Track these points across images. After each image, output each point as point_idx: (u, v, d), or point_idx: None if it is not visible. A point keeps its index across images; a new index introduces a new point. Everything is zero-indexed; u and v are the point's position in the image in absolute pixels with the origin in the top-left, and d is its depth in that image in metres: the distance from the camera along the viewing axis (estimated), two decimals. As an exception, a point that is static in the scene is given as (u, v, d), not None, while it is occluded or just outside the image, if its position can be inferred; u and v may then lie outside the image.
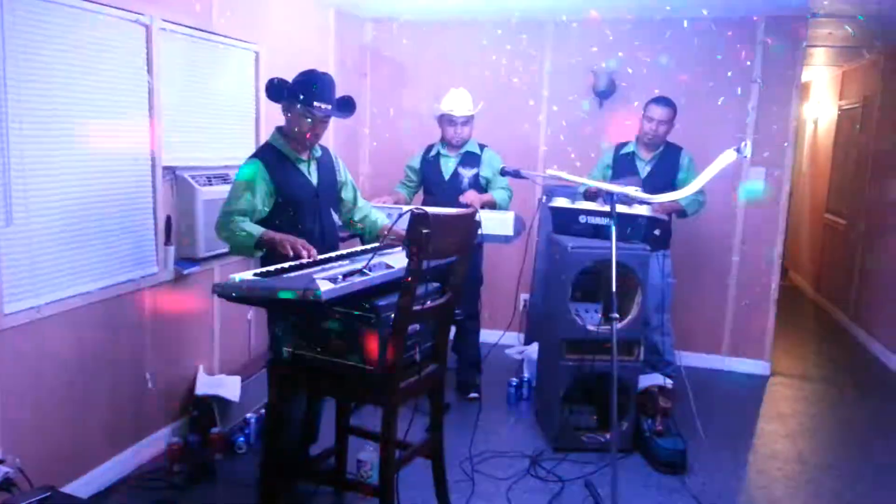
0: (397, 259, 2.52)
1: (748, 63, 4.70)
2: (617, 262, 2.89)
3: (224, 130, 3.73)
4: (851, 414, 4.40)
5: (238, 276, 2.35)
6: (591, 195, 3.93)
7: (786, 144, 4.74)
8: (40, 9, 2.60)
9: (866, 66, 6.34)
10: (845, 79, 7.02)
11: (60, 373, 2.83)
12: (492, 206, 3.97)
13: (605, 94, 4.92)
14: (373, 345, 2.31)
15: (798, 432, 4.04)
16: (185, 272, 3.42)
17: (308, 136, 2.86)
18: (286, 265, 2.52)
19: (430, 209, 2.28)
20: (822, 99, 7.91)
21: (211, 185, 3.46)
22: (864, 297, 5.91)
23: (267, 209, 2.84)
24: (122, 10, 2.96)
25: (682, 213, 4.05)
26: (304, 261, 2.60)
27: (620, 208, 3.41)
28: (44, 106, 2.65)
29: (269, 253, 2.76)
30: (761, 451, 3.77)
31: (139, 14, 3.04)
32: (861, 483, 3.43)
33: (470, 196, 3.95)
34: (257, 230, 2.74)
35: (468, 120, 4.07)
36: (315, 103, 2.78)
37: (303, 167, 2.94)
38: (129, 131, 3.08)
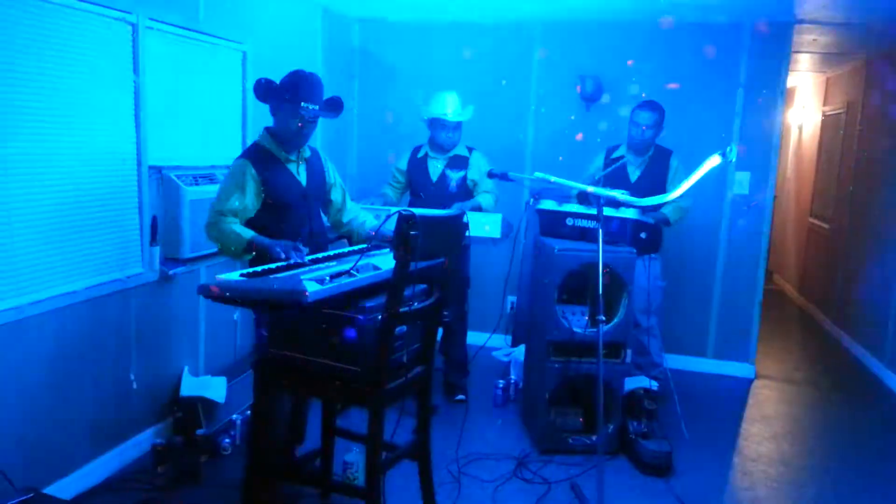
0: (385, 260, 2.52)
1: (734, 68, 4.74)
2: (603, 265, 2.90)
3: (211, 130, 3.71)
4: (835, 416, 4.44)
5: (224, 277, 2.34)
6: (583, 197, 3.94)
7: (771, 149, 4.79)
8: (24, 6, 2.58)
9: (850, 72, 6.41)
10: (830, 85, 7.10)
11: (43, 373, 2.80)
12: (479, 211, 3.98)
13: (592, 97, 4.94)
14: (360, 346, 2.31)
15: (782, 434, 4.07)
16: (171, 272, 3.40)
17: (296, 136, 2.85)
18: (273, 266, 2.51)
19: (418, 210, 2.29)
20: (807, 105, 7.99)
21: (197, 184, 3.43)
22: (848, 301, 5.97)
23: (255, 209, 2.83)
24: (109, 7, 2.94)
25: (666, 222, 4.06)
26: (292, 261, 2.59)
27: (607, 211, 3.43)
28: (28, 104, 2.62)
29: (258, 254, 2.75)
30: (745, 452, 3.80)
31: (126, 12, 3.02)
32: (844, 485, 3.46)
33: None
34: (247, 233, 2.73)
35: (459, 124, 4.07)
36: (303, 103, 2.77)
37: (291, 167, 2.93)
38: (115, 130, 3.06)
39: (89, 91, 2.90)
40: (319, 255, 2.79)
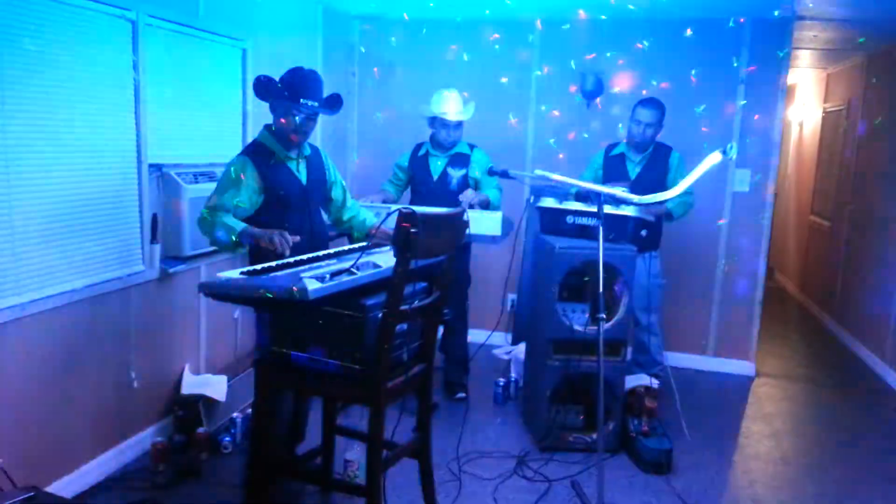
0: (385, 258, 2.52)
1: (734, 65, 4.73)
2: (604, 263, 2.90)
3: (211, 128, 3.71)
4: (835, 414, 4.44)
5: (225, 275, 2.34)
6: (582, 196, 3.94)
7: (771, 146, 4.78)
8: (24, 3, 2.57)
9: (851, 68, 6.40)
10: (830, 81, 7.09)
11: (44, 371, 2.80)
12: (487, 205, 3.98)
13: (592, 94, 4.93)
14: (360, 344, 2.31)
15: (782, 432, 4.07)
16: (171, 271, 3.39)
17: (296, 133, 2.85)
18: (273, 263, 2.51)
19: (418, 208, 2.28)
20: (808, 101, 7.98)
21: (197, 182, 3.43)
22: (848, 299, 5.96)
23: (255, 207, 2.83)
24: (109, 5, 2.93)
25: (668, 216, 4.07)
26: (292, 259, 2.59)
27: (608, 209, 3.42)
28: (28, 102, 2.62)
29: (257, 250, 2.75)
30: (746, 450, 3.80)
31: (126, 10, 3.02)
32: (844, 483, 3.46)
33: (468, 195, 3.95)
34: (238, 225, 2.70)
35: (460, 123, 4.06)
36: (302, 100, 2.77)
37: (291, 165, 2.92)
38: (115, 128, 3.06)
39: (89, 89, 2.89)
40: (320, 253, 2.79)
